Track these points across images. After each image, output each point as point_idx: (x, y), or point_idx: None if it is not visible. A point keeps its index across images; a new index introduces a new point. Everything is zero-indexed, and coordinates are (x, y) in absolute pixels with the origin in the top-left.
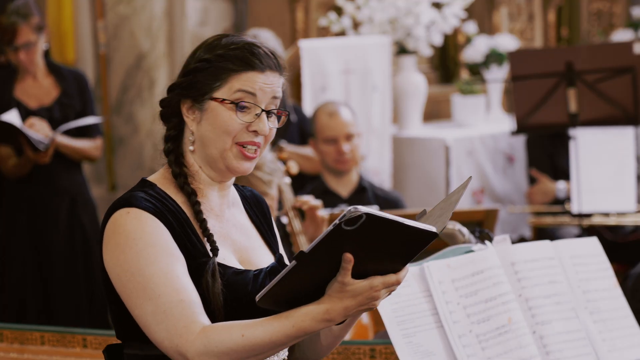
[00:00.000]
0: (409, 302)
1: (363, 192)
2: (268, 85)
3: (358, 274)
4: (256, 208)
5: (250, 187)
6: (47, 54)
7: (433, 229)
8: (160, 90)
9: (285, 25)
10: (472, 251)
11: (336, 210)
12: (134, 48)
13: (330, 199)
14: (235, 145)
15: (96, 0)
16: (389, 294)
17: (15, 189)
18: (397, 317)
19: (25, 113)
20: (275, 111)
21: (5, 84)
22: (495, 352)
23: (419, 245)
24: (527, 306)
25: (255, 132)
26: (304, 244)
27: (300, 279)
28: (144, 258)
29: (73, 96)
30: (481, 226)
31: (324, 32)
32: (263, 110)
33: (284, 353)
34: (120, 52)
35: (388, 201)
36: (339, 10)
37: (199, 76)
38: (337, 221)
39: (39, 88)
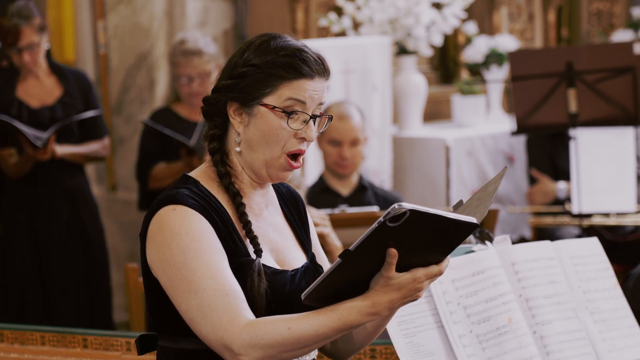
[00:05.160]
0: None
1: (363, 191)
2: (316, 92)
3: (401, 267)
4: (291, 205)
5: None
6: (48, 54)
7: (474, 220)
8: (161, 91)
9: (286, 25)
10: (472, 251)
11: (336, 211)
12: (134, 48)
13: (330, 197)
14: (284, 155)
15: (96, 1)
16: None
17: (16, 189)
18: (397, 317)
19: (28, 113)
20: (320, 116)
21: (7, 83)
22: (496, 352)
23: (460, 236)
24: (527, 306)
25: (302, 139)
26: None
27: (345, 275)
28: (190, 252)
29: (75, 96)
30: (481, 226)
31: (324, 32)
32: (311, 117)
33: (314, 353)
34: (121, 52)
35: (387, 201)
36: (339, 11)
37: (248, 81)
38: (381, 219)
39: (41, 88)
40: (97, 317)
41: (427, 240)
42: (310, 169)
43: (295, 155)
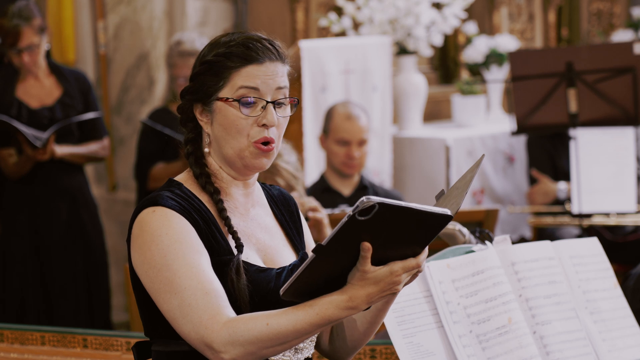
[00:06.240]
0: (409, 303)
1: (364, 191)
2: (269, 76)
3: (378, 261)
4: (283, 207)
5: (281, 179)
6: (48, 54)
7: (447, 211)
8: (161, 90)
9: (286, 25)
10: (472, 251)
11: (336, 211)
12: (134, 48)
13: (331, 197)
14: (253, 144)
15: (96, 1)
16: (412, 278)
17: (16, 189)
18: (397, 317)
19: (27, 113)
20: (284, 101)
21: (6, 83)
22: (496, 352)
23: (435, 228)
24: (527, 306)
25: (265, 126)
26: None
27: (321, 271)
28: (170, 253)
29: (75, 97)
30: (481, 226)
31: (324, 32)
32: (268, 102)
33: (309, 351)
34: (121, 52)
35: None
36: (339, 11)
37: (203, 78)
38: (350, 212)
39: (40, 88)
40: (96, 317)
41: (402, 233)
42: (311, 168)
43: (264, 143)
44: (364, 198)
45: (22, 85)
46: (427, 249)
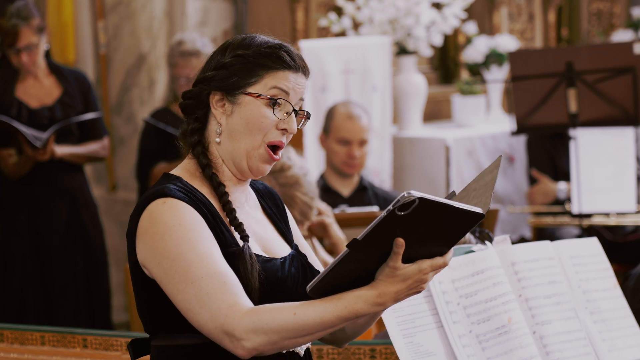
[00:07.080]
0: (409, 303)
1: (364, 192)
2: (299, 85)
3: (406, 258)
4: (269, 200)
5: (296, 212)
6: (48, 54)
7: (480, 210)
8: (161, 91)
9: (286, 25)
10: (472, 251)
11: (336, 211)
12: (134, 48)
13: (331, 197)
14: (264, 145)
15: (96, 1)
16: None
17: (16, 189)
18: (397, 317)
19: (27, 113)
20: (303, 112)
21: (6, 83)
22: (496, 352)
23: (465, 227)
24: (527, 306)
25: (284, 131)
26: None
27: (351, 267)
28: (184, 244)
29: (74, 96)
30: (481, 226)
31: (324, 32)
32: (294, 110)
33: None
34: (121, 52)
35: (388, 201)
36: (339, 11)
37: (234, 70)
38: (390, 207)
39: (40, 88)
40: (96, 317)
41: (434, 230)
42: (311, 168)
43: (274, 148)
44: (405, 193)
45: (21, 85)
46: (453, 248)
